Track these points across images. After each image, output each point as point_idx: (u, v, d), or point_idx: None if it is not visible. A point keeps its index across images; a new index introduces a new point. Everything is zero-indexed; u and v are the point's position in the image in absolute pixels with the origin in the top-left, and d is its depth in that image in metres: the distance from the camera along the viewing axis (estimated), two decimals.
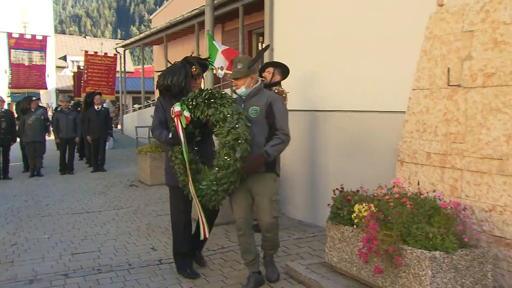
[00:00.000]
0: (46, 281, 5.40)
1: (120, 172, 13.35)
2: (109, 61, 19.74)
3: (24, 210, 9.07)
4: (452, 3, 4.83)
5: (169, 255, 6.07)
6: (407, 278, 3.95)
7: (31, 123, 12.88)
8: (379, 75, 5.93)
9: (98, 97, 13.70)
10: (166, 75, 5.14)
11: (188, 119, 4.72)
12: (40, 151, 13.16)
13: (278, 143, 4.64)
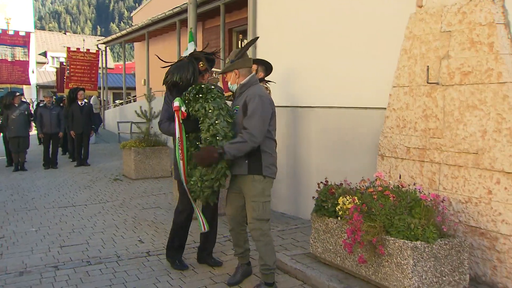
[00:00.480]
0: (37, 273, 5.37)
1: (103, 167, 13.26)
2: (91, 57, 19.59)
3: (10, 204, 8.97)
4: (431, 5, 4.92)
5: (156, 247, 6.10)
6: (389, 267, 4.03)
7: (15, 118, 12.70)
8: (360, 73, 6.00)
9: (81, 92, 13.56)
10: (174, 72, 5.02)
11: (184, 114, 4.68)
12: (24, 146, 12.99)
13: (238, 141, 4.28)
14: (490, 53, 4.35)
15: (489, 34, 4.38)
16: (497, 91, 4.29)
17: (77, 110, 13.26)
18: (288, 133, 7.34)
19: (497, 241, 4.30)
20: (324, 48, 6.58)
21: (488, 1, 4.42)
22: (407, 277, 3.89)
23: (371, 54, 5.57)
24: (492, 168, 4.31)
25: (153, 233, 6.74)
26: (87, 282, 5.08)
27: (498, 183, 4.28)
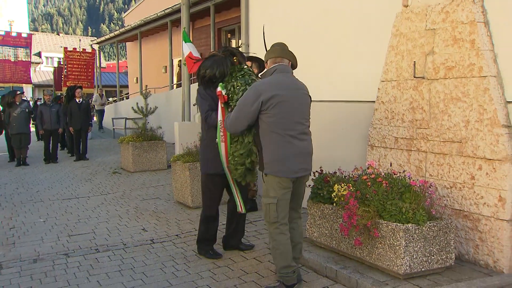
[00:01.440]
0: (49, 260, 5.39)
1: (102, 161, 13.21)
2: (87, 57, 19.49)
3: (17, 196, 8.92)
4: (416, 4, 4.99)
5: (159, 235, 6.13)
6: (383, 248, 4.12)
7: (16, 115, 12.62)
8: (349, 68, 6.04)
9: (79, 90, 13.51)
10: (214, 66, 4.87)
11: (225, 98, 4.61)
12: (26, 142, 12.92)
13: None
14: (472, 49, 4.44)
15: (470, 32, 4.46)
16: (479, 84, 4.38)
17: (75, 107, 13.20)
18: None
19: (479, 222, 4.40)
20: (315, 46, 6.62)
21: (469, 1, 4.50)
22: (399, 257, 3.98)
23: (359, 51, 5.63)
24: (474, 155, 4.41)
25: (155, 222, 6.76)
26: (97, 268, 5.11)
27: (480, 169, 4.38)
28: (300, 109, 4.02)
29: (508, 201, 4.19)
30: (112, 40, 24.31)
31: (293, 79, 4.16)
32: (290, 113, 3.96)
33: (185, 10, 10.70)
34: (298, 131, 3.99)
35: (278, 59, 4.15)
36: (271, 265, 4.87)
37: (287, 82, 4.05)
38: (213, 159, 4.90)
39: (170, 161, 8.02)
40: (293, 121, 3.96)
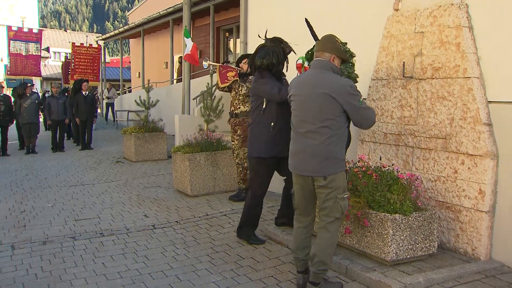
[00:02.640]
0: (57, 242, 5.37)
1: (105, 150, 13.13)
2: (94, 52, 19.35)
3: (26, 182, 8.85)
4: (406, 8, 4.96)
5: (160, 221, 6.10)
6: (372, 236, 4.11)
7: (27, 106, 12.55)
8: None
9: (85, 84, 13.43)
10: (271, 55, 4.87)
11: (307, 69, 4.56)
12: (35, 131, 12.84)
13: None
14: (457, 52, 4.42)
15: (456, 36, 4.45)
16: (463, 85, 4.36)
17: (81, 100, 13.11)
18: None
19: (460, 213, 4.40)
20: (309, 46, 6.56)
21: (455, 7, 4.48)
22: (387, 245, 3.98)
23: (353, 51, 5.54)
24: (458, 151, 4.40)
25: (156, 209, 6.72)
26: (102, 251, 5.08)
27: (462, 164, 4.38)
28: (312, 109, 3.60)
29: (487, 193, 4.20)
30: (116, 37, 24.11)
31: (316, 76, 3.67)
32: (302, 112, 3.68)
33: (187, 9, 10.62)
34: (306, 129, 3.63)
35: (317, 53, 3.76)
36: (266, 251, 4.87)
37: (308, 80, 3.72)
38: (266, 143, 4.85)
39: (171, 151, 7.97)
40: (303, 120, 3.67)
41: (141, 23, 19.65)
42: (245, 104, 6.67)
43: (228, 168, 7.45)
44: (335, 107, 3.54)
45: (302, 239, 3.85)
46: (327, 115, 3.55)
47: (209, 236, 5.46)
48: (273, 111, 4.87)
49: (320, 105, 3.56)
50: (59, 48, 45.62)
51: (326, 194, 3.59)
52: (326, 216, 3.64)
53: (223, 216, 6.21)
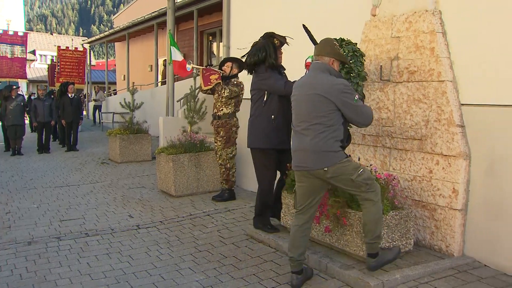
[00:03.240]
0: (42, 243, 5.28)
1: (91, 152, 12.98)
2: (79, 55, 19.15)
3: (12, 184, 8.69)
4: (383, 14, 4.98)
5: (144, 221, 6.04)
6: (350, 235, 4.12)
7: (12, 108, 12.35)
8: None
9: (71, 86, 13.26)
10: (259, 51, 4.95)
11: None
12: (21, 133, 12.63)
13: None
14: (432, 56, 4.45)
15: (430, 40, 4.48)
16: (438, 88, 4.40)
17: (67, 102, 12.93)
18: None
19: (435, 212, 4.43)
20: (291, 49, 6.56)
21: (429, 13, 4.51)
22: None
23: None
24: (433, 151, 4.43)
25: (140, 209, 6.66)
26: (87, 250, 5.02)
27: (437, 164, 4.41)
28: (306, 109, 3.73)
29: (460, 192, 4.23)
30: (102, 40, 23.89)
31: (312, 77, 3.81)
32: (299, 111, 3.83)
33: (171, 13, 10.56)
34: (302, 127, 3.76)
35: (317, 57, 3.89)
36: (249, 250, 4.85)
37: (305, 81, 3.87)
38: (267, 134, 4.92)
39: (155, 153, 7.91)
40: (299, 118, 3.81)
41: (126, 26, 19.50)
42: (228, 106, 6.65)
43: (211, 169, 7.42)
44: (327, 105, 3.65)
45: (298, 238, 3.85)
46: (319, 113, 3.67)
47: (193, 235, 5.42)
48: (274, 104, 4.93)
49: (313, 105, 3.69)
50: (45, 51, 45.07)
51: (339, 182, 3.73)
52: (357, 194, 3.78)
53: (206, 216, 6.17)
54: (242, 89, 6.70)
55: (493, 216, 4.11)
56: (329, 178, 3.70)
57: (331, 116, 3.67)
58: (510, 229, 3.99)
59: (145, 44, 21.37)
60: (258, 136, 5.00)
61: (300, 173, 3.81)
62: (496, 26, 4.08)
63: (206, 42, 17.08)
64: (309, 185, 3.80)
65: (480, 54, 4.21)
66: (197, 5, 14.23)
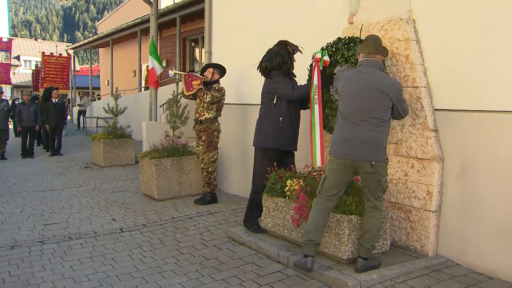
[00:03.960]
0: (26, 247, 5.17)
1: (75, 156, 12.80)
2: (63, 61, 18.88)
3: None
4: (360, 22, 5.01)
5: (128, 225, 5.97)
6: (329, 236, 4.12)
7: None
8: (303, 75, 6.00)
9: (55, 91, 13.08)
10: (274, 58, 5.01)
11: (327, 62, 4.67)
12: (5, 138, 12.40)
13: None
14: (407, 63, 4.49)
15: (405, 48, 4.52)
16: (412, 93, 4.43)
17: (51, 107, 12.75)
18: (239, 127, 7.33)
19: (410, 213, 4.46)
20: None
21: (403, 22, 4.55)
22: (343, 244, 3.99)
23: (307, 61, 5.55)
24: (408, 155, 4.47)
25: (123, 213, 6.58)
26: (70, 254, 4.92)
27: (412, 167, 4.44)
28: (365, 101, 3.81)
29: (434, 194, 4.27)
30: (86, 46, 23.64)
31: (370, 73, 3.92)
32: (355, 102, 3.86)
33: (154, 20, 10.51)
34: (358, 118, 3.81)
35: (370, 54, 4.00)
36: (230, 252, 4.81)
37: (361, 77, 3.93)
38: (274, 135, 4.97)
39: (138, 157, 7.83)
40: (355, 109, 3.84)
41: (110, 33, 19.35)
42: (210, 111, 6.62)
43: (194, 173, 7.37)
44: (386, 101, 3.81)
45: (322, 220, 3.90)
46: (378, 107, 3.80)
47: (175, 238, 5.37)
48: (282, 107, 4.99)
49: (374, 99, 3.80)
50: (29, 56, 44.49)
51: (372, 178, 3.81)
52: (373, 196, 3.89)
53: (188, 219, 6.12)
54: (223, 94, 6.68)
55: (464, 217, 4.16)
56: (368, 172, 3.80)
57: (387, 112, 3.84)
58: (480, 229, 4.05)
59: (128, 50, 21.23)
60: (265, 136, 5.06)
61: (343, 161, 3.83)
62: (467, 34, 4.13)
63: (189, 48, 17.03)
64: (344, 174, 3.87)
65: (452, 61, 4.26)
66: (179, 12, 14.20)
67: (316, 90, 4.67)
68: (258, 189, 5.08)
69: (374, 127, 3.78)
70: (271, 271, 4.26)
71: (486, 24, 3.99)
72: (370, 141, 3.76)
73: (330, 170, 3.91)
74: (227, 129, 7.40)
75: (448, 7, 4.29)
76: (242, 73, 7.18)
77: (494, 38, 3.95)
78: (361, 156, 3.76)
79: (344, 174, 3.87)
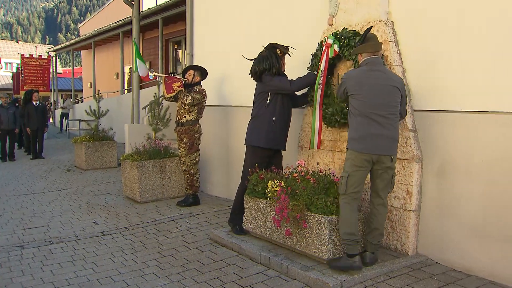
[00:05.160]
0: (4, 252, 5.07)
1: (57, 159, 12.62)
2: (43, 63, 18.61)
3: None
4: (339, 24, 5.02)
5: (109, 228, 5.90)
6: (310, 237, 4.11)
7: None
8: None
9: (36, 94, 12.83)
10: (261, 62, 4.99)
11: (336, 52, 4.66)
12: None
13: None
14: (386, 64, 4.51)
15: (384, 49, 4.53)
16: None
17: (32, 109, 12.53)
18: (221, 128, 7.30)
19: (391, 213, 4.48)
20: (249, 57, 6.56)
21: (382, 23, 4.58)
22: (324, 245, 3.99)
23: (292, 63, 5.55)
24: None
25: (105, 216, 6.50)
26: (51, 258, 4.85)
27: None
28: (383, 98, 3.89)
29: (414, 194, 4.29)
30: (68, 48, 23.33)
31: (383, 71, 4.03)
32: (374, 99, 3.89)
33: (135, 22, 10.42)
34: (379, 114, 3.86)
35: (376, 52, 4.08)
36: (212, 254, 4.78)
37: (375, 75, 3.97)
38: (267, 135, 4.97)
39: (120, 159, 7.75)
40: (375, 106, 3.87)
41: (92, 35, 19.14)
42: (190, 113, 6.58)
43: (176, 175, 7.32)
44: (398, 96, 3.96)
45: (355, 218, 3.93)
46: (394, 103, 3.93)
47: (157, 241, 5.32)
48: (276, 107, 4.99)
49: (391, 95, 3.91)
50: (10, 59, 43.75)
51: (387, 173, 3.96)
52: (385, 193, 4.05)
53: (171, 221, 6.07)
54: (204, 96, 6.65)
55: (443, 216, 4.19)
56: (387, 167, 3.93)
57: (398, 107, 3.98)
58: (458, 227, 4.08)
59: (111, 52, 21.03)
60: (257, 135, 5.05)
61: (369, 156, 3.86)
62: (444, 35, 4.17)
63: (172, 50, 16.94)
64: (366, 170, 3.93)
65: (430, 61, 4.29)
66: (162, 14, 14.12)
67: (322, 75, 4.69)
68: (243, 190, 5.05)
69: (394, 122, 3.93)
70: (253, 272, 4.24)
71: (462, 25, 4.04)
72: (392, 136, 3.91)
73: (353, 166, 3.89)
74: (209, 131, 7.36)
75: (426, 9, 4.32)
76: (223, 75, 7.16)
77: (470, 39, 3.99)
78: (385, 151, 3.89)
79: (367, 170, 3.94)
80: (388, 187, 4.03)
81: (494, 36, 3.82)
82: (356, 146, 3.90)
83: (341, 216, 3.92)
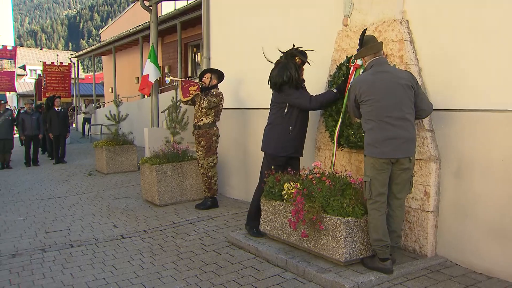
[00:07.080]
0: (27, 255, 5.18)
1: (79, 163, 12.84)
2: (64, 70, 18.90)
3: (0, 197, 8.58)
4: (354, 24, 5.00)
5: (129, 231, 5.97)
6: (327, 239, 4.09)
7: (1, 123, 12.15)
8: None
9: (58, 100, 13.13)
10: (281, 73, 4.87)
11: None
12: (9, 147, 12.46)
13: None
14: (401, 64, 4.46)
15: (399, 49, 4.49)
16: None
17: (54, 115, 12.79)
18: (239, 131, 7.32)
19: (408, 214, 4.43)
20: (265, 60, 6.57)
21: (397, 23, 4.53)
22: (341, 246, 3.96)
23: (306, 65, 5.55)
24: None
25: (125, 219, 6.58)
26: (71, 261, 4.93)
27: None
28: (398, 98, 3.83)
29: (432, 195, 4.24)
30: (90, 54, 23.74)
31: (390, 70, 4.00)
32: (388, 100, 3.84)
33: (154, 27, 10.54)
34: (395, 116, 3.81)
35: (380, 52, 4.08)
36: (229, 257, 4.79)
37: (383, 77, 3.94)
38: (284, 143, 4.98)
39: (139, 163, 7.84)
40: (390, 108, 3.82)
41: (112, 40, 19.42)
42: (208, 116, 6.62)
43: (194, 178, 7.37)
44: (410, 94, 3.86)
45: (384, 223, 3.91)
46: (409, 101, 3.86)
47: (175, 244, 5.36)
48: (293, 116, 4.97)
49: (402, 93, 3.83)
50: (35, 66, 44.74)
51: (406, 174, 3.91)
52: (403, 194, 4.01)
53: (189, 224, 6.11)
54: (221, 99, 6.67)
55: (462, 217, 4.13)
56: (406, 168, 3.88)
57: (413, 106, 3.91)
58: (477, 228, 4.01)
59: (131, 57, 21.30)
60: (275, 143, 5.04)
61: (388, 160, 3.84)
62: (461, 33, 4.11)
63: (191, 53, 17.07)
64: (388, 171, 3.88)
65: (446, 60, 4.23)
66: (180, 18, 14.24)
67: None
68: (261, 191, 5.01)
69: (410, 123, 3.86)
70: (269, 274, 4.23)
71: (479, 23, 3.97)
72: (409, 137, 3.84)
73: (374, 170, 3.87)
74: (226, 134, 7.39)
75: (441, 7, 4.27)
76: (240, 77, 7.18)
77: (488, 37, 3.92)
78: (404, 153, 3.83)
79: (389, 171, 3.89)
80: (406, 188, 3.98)
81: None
82: (374, 152, 3.87)
83: (369, 222, 3.92)
